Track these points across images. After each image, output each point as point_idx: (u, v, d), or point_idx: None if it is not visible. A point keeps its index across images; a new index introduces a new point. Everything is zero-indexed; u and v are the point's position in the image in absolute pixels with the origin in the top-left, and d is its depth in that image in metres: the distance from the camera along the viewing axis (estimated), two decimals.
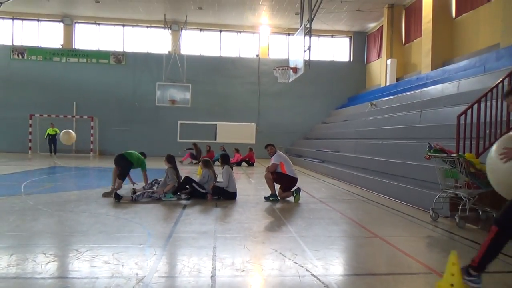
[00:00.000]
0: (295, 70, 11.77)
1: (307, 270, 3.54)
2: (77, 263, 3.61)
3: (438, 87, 12.16)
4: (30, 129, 19.86)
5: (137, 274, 3.32)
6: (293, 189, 7.59)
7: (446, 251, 4.47)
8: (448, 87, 11.51)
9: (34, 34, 22.45)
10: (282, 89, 21.97)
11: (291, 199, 7.54)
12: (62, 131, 16.58)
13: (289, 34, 22.65)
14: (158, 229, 5.00)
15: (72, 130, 21.56)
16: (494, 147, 3.54)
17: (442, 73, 13.86)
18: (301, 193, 7.64)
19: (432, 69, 15.23)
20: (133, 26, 22.82)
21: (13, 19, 22.02)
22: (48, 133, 19.32)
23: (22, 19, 22.21)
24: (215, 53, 23.16)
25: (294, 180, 7.65)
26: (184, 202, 7.09)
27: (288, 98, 22.90)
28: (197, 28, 23.00)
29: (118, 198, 6.95)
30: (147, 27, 22.86)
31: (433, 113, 10.00)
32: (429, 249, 4.62)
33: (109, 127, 21.64)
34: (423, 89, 13.17)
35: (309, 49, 10.71)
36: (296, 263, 3.73)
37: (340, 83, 23.26)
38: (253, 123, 21.96)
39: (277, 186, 7.69)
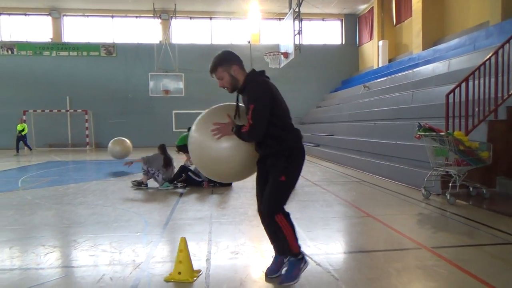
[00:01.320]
0: (286, 55, 11.78)
1: None
2: (76, 253, 3.71)
3: (429, 67, 12.20)
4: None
5: (134, 260, 3.42)
6: None
7: (436, 227, 4.60)
8: (439, 67, 11.56)
9: (23, 28, 22.18)
10: (275, 74, 21.67)
11: None
12: (112, 140, 11.49)
13: (279, 19, 22.49)
14: (154, 218, 5.09)
15: (68, 125, 21.50)
16: (199, 120, 3.04)
17: (433, 52, 13.88)
18: None
19: (423, 49, 15.23)
20: (122, 17, 22.56)
21: (0, 14, 21.72)
22: (19, 129, 17.64)
23: (10, 14, 21.91)
24: (207, 41, 23.00)
25: None
26: (180, 190, 7.18)
27: (281, 83, 22.55)
28: (187, 16, 22.78)
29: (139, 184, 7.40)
30: (136, 17, 22.61)
31: (424, 93, 10.07)
32: (420, 226, 4.73)
33: (104, 120, 21.59)
34: (414, 70, 13.21)
35: (299, 33, 10.69)
36: None
37: (333, 67, 23.22)
38: None
39: None
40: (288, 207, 5.60)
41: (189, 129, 10.40)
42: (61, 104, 21.33)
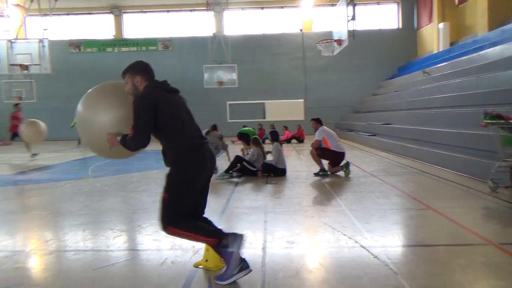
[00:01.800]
0: (339, 42, 11.49)
1: (356, 242, 3.60)
2: (140, 237, 3.97)
3: (497, 49, 11.30)
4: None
5: (193, 246, 3.57)
6: (342, 163, 7.57)
7: (505, 222, 4.32)
8: (508, 49, 10.66)
9: (88, 27, 23.66)
10: (329, 62, 21.52)
11: (341, 173, 7.53)
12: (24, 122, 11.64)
13: (332, 5, 21.90)
14: (211, 206, 5.23)
15: None
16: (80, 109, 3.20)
17: (501, 33, 12.80)
18: (351, 167, 7.59)
19: (489, 30, 14.12)
20: (177, 11, 23.26)
21: (68, 14, 23.31)
22: (75, 121, 19.10)
23: (76, 14, 23.46)
24: (259, 31, 23.05)
25: (340, 155, 7.60)
26: (235, 180, 7.35)
27: (335, 71, 22.40)
28: (239, 8, 22.95)
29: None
30: (190, 10, 23.20)
31: (491, 77, 9.36)
32: (486, 220, 4.47)
33: None
34: (480, 53, 12.30)
35: (353, 18, 10.35)
36: (345, 235, 3.80)
37: (389, 52, 22.27)
38: (301, 100, 21.81)
39: (326, 162, 7.71)
40: (343, 198, 5.53)
41: (244, 126, 10.71)
42: None
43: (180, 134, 2.78)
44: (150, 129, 2.72)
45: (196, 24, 23.27)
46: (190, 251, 3.46)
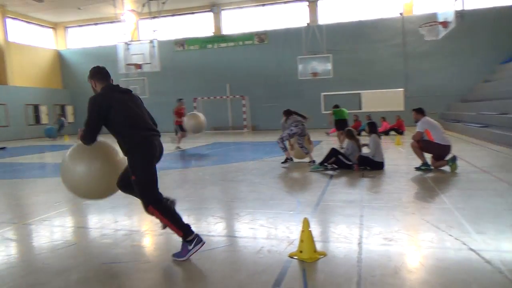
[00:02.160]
0: (445, 24, 10.50)
1: (464, 243, 3.31)
2: (238, 225, 4.18)
3: None
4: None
5: (288, 236, 3.66)
6: (448, 157, 6.96)
7: None
8: None
9: (190, 26, 25.32)
10: (432, 47, 19.83)
11: (447, 168, 6.94)
12: (188, 114, 12.77)
13: None
14: (306, 197, 5.30)
15: (229, 109, 23.84)
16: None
17: None
18: (458, 162, 6.95)
19: None
20: (271, 4, 23.55)
21: (173, 15, 25.21)
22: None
23: (180, 14, 25.25)
24: (354, 18, 22.17)
25: (445, 148, 6.98)
26: (330, 172, 7.26)
27: (440, 56, 20.53)
28: None
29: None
30: (285, 2, 23.29)
31: None
32: None
33: (259, 104, 23.24)
34: None
35: None
36: (451, 235, 3.52)
37: (505, 33, 19.55)
38: (400, 89, 20.52)
39: (429, 155, 7.17)
40: (449, 195, 5.12)
41: (334, 106, 10.64)
42: (222, 91, 23.79)
43: (130, 127, 3.20)
44: (98, 128, 3.23)
45: (290, 16, 23.30)
46: (285, 241, 3.54)
